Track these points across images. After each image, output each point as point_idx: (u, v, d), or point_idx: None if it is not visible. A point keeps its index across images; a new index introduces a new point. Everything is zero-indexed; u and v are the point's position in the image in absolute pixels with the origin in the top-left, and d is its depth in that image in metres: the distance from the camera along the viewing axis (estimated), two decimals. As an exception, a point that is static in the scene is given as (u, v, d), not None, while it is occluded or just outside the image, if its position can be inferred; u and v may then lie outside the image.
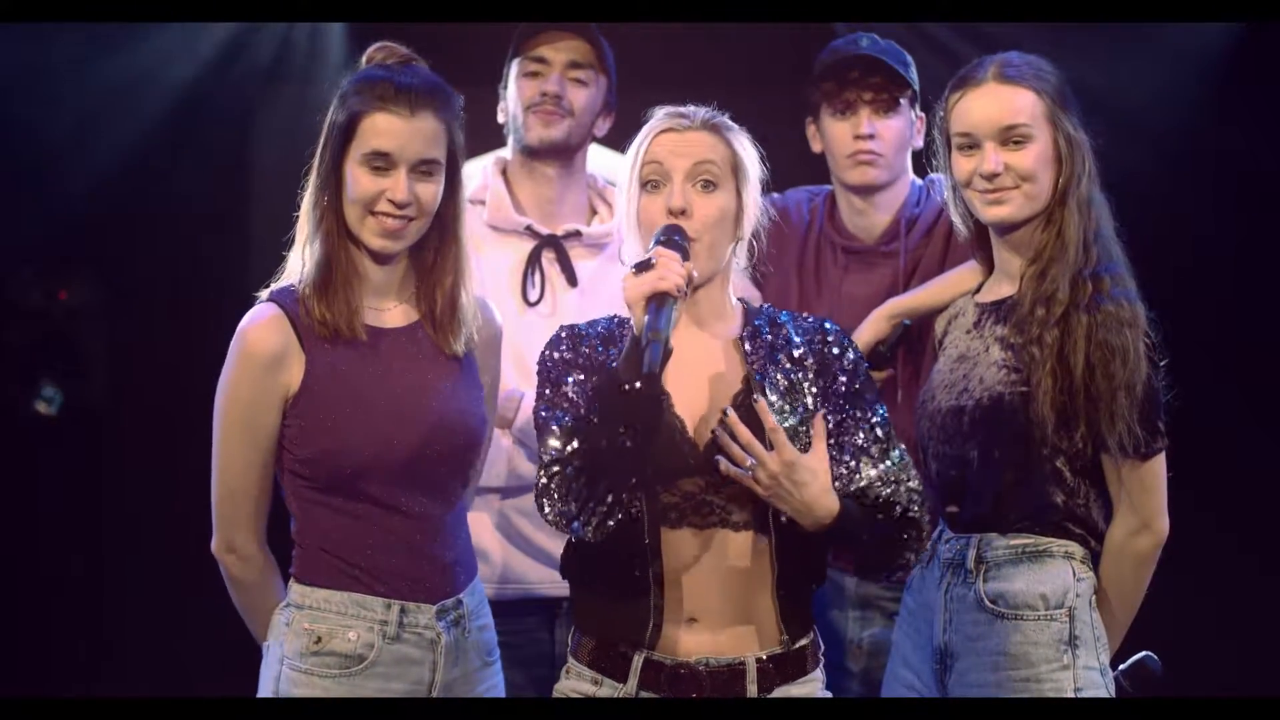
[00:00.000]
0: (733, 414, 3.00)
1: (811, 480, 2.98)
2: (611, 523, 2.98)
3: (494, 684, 3.26)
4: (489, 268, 3.89)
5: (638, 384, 2.86)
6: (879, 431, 3.12)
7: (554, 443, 3.02)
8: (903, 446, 3.14)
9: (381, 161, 3.10)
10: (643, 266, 2.95)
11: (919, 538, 3.11)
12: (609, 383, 2.90)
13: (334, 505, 3.12)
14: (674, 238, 3.02)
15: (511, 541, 3.84)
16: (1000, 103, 3.34)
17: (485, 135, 4.06)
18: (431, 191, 3.14)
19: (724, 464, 2.99)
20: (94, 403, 5.67)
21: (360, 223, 3.12)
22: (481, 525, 3.83)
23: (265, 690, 3.14)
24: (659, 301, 2.90)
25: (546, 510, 3.01)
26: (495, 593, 3.81)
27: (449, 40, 3.72)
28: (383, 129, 3.09)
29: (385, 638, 3.10)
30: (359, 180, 3.10)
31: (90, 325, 5.66)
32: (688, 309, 3.07)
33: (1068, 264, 3.28)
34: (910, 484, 3.10)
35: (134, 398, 5.54)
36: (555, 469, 2.99)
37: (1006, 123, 3.33)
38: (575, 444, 2.97)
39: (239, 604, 3.22)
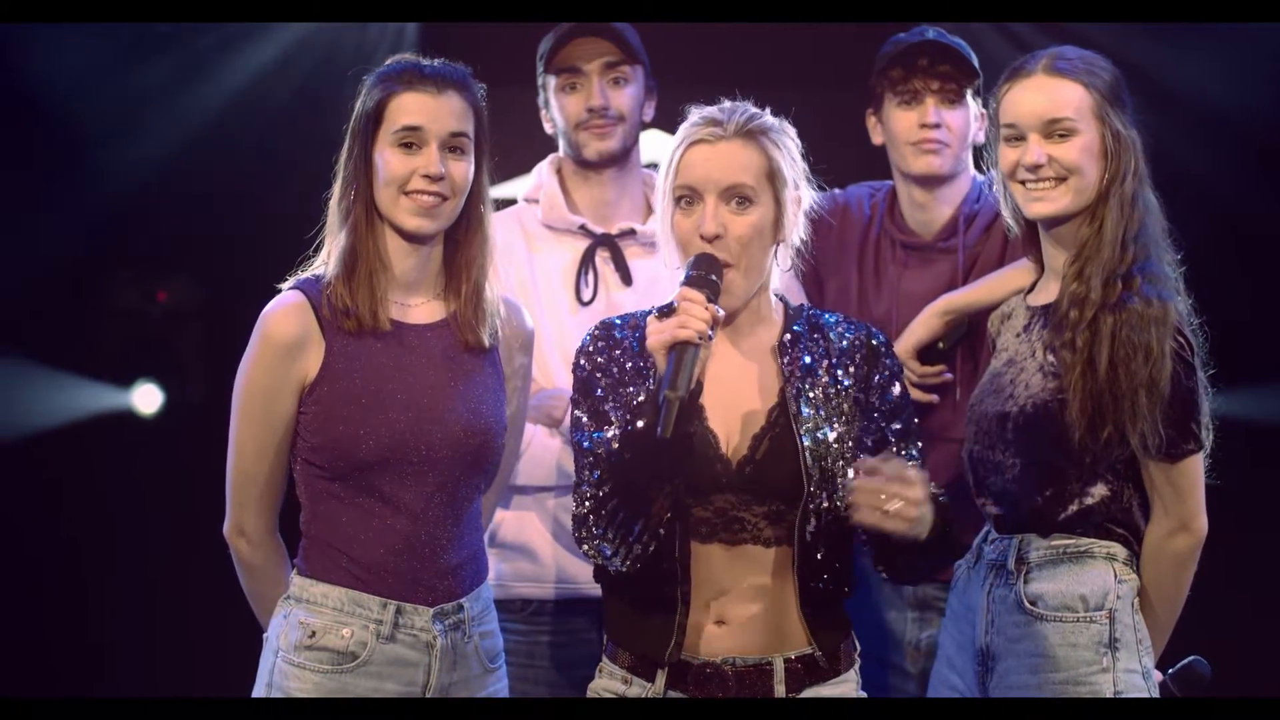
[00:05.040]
0: (866, 463, 2.87)
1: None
2: (647, 551, 2.98)
3: (497, 690, 3.26)
4: (542, 267, 3.90)
5: (658, 435, 2.82)
6: (914, 450, 3.09)
7: (588, 473, 3.02)
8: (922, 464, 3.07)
9: (413, 138, 3.14)
10: (665, 311, 2.93)
11: (952, 549, 3.08)
12: (632, 428, 2.89)
13: (342, 497, 3.14)
14: (704, 273, 2.97)
15: (560, 541, 3.81)
16: (1046, 95, 3.29)
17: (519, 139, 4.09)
18: (463, 169, 3.17)
19: (865, 513, 2.84)
20: (193, 402, 5.78)
21: (394, 204, 3.15)
22: (531, 525, 3.83)
23: (260, 681, 3.17)
24: (680, 351, 2.86)
25: (584, 545, 3.02)
26: (544, 593, 3.83)
27: (491, 41, 3.74)
28: (411, 106, 3.15)
29: (379, 637, 3.12)
30: (390, 162, 3.15)
31: (188, 326, 5.78)
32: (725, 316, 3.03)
33: (1103, 261, 3.22)
34: (939, 497, 3.01)
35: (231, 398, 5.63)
36: (589, 504, 2.99)
37: (1051, 115, 3.28)
38: (610, 484, 2.96)
39: (247, 590, 3.27)
